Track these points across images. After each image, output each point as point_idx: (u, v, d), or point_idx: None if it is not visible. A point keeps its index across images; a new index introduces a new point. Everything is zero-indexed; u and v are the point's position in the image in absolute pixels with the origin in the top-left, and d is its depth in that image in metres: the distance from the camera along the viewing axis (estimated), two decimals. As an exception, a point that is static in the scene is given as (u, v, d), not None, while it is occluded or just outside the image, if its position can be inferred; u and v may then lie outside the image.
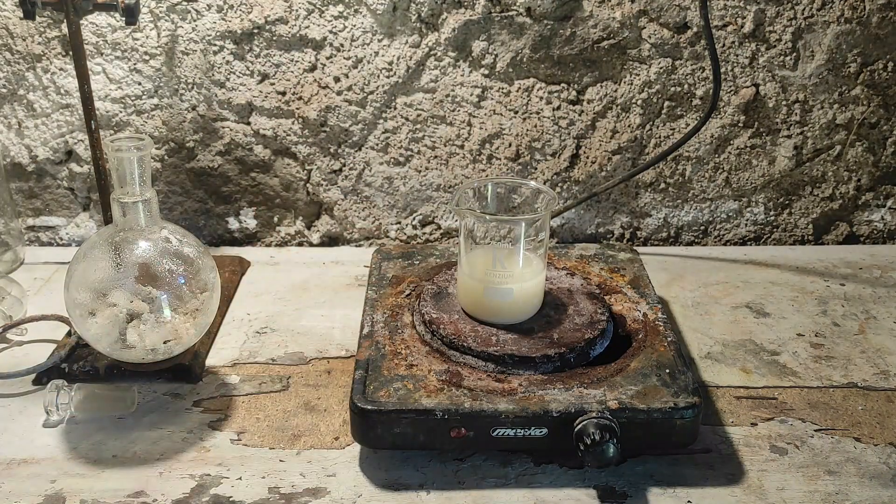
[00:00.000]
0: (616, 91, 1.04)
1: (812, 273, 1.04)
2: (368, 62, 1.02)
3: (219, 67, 1.02)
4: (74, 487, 0.69)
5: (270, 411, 0.78)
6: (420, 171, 1.08)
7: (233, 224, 1.12)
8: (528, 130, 1.06)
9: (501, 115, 1.05)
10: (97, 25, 1.00)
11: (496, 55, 1.02)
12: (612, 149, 1.07)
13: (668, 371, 0.73)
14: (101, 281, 0.77)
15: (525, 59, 1.02)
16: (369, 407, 0.68)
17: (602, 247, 0.96)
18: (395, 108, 1.05)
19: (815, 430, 0.76)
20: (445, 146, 1.07)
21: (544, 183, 1.08)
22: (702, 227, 1.13)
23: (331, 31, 1.01)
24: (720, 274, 1.03)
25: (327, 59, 1.02)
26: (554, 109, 1.05)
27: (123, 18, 0.83)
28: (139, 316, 0.77)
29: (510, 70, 1.03)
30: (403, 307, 0.83)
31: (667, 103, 1.05)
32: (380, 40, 1.01)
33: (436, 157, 1.08)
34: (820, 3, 1.00)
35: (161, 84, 1.03)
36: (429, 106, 1.05)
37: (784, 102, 1.06)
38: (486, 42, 1.01)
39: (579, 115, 1.05)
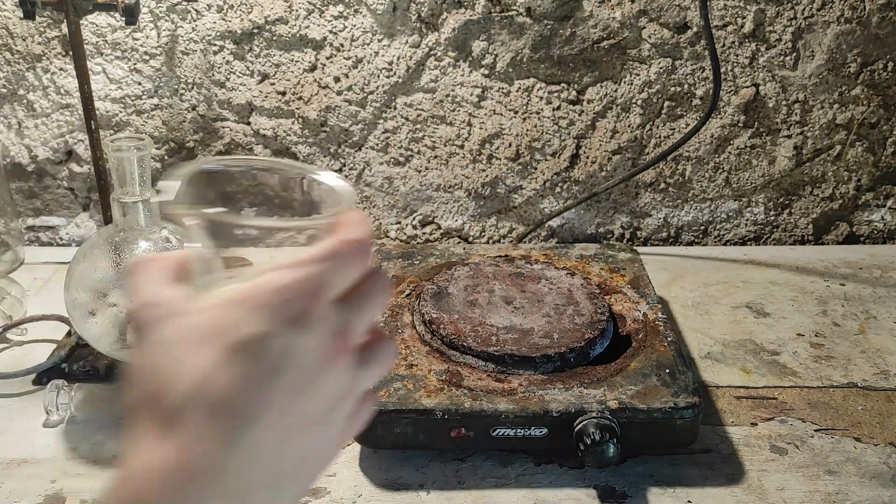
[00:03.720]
0: (616, 91, 1.04)
1: (812, 273, 1.04)
2: (368, 62, 1.02)
3: (219, 67, 1.02)
4: (74, 487, 0.69)
5: (270, 411, 0.78)
6: (420, 171, 1.08)
7: (233, 224, 1.11)
8: (528, 130, 1.06)
9: (501, 115, 1.05)
10: (97, 25, 1.00)
11: (496, 55, 1.02)
12: (612, 149, 1.07)
13: (668, 371, 0.73)
14: (101, 281, 0.76)
15: (525, 59, 1.02)
16: (369, 407, 0.68)
17: (602, 247, 0.96)
18: (395, 108, 1.05)
19: (815, 430, 0.76)
20: (445, 146, 1.07)
21: (544, 183, 1.08)
22: (702, 227, 1.13)
23: (331, 31, 1.01)
24: (720, 274, 1.03)
25: (327, 59, 1.02)
26: (554, 109, 1.05)
27: (123, 18, 0.83)
28: (139, 316, 0.77)
29: (510, 70, 1.03)
30: (403, 307, 0.83)
31: (667, 103, 1.05)
32: (380, 40, 1.01)
33: (436, 157, 1.07)
34: (820, 3, 1.00)
35: (161, 84, 1.03)
36: (429, 106, 1.04)
37: (784, 102, 1.05)
38: (486, 42, 1.01)
39: (579, 115, 1.05)
